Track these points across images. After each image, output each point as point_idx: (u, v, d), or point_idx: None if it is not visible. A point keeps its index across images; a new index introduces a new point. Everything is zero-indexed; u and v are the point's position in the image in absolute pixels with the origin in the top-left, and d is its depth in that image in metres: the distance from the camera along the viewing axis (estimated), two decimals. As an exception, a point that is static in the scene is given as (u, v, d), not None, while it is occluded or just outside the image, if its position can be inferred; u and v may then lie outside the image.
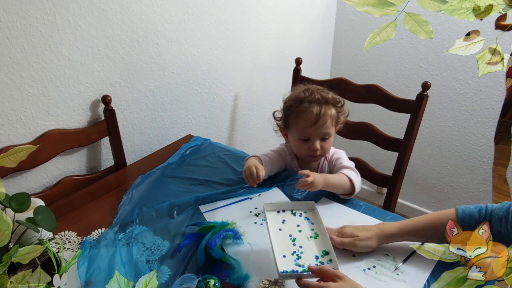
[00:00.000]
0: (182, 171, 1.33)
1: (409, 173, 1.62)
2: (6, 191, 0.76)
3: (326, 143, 1.21)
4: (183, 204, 1.14)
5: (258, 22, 1.79)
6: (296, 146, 1.24)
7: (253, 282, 0.87)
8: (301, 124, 1.18)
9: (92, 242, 1.00)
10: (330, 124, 1.18)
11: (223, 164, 1.37)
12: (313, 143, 1.19)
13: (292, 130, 1.22)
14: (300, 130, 1.19)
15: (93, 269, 0.91)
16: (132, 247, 0.99)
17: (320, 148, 1.19)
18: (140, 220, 1.08)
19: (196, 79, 1.62)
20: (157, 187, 1.24)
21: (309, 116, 1.16)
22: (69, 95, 1.24)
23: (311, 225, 0.97)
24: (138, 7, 1.32)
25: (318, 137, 1.19)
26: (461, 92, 1.96)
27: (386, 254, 0.96)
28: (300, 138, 1.20)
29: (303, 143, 1.20)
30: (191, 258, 0.95)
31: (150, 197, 1.19)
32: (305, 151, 1.21)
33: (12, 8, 1.04)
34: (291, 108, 1.20)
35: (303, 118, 1.18)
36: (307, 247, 0.91)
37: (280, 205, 1.03)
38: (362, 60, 2.25)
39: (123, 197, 1.19)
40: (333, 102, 1.19)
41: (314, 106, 1.16)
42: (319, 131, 1.18)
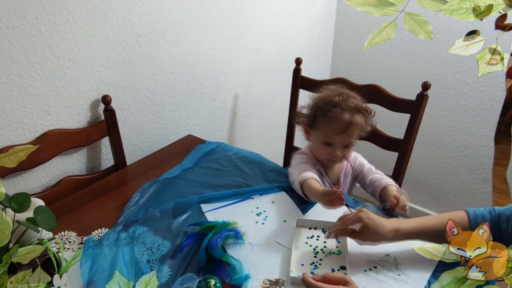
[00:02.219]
0: (193, 173, 1.32)
1: (409, 173, 1.62)
2: (6, 191, 0.76)
3: (348, 150, 1.20)
4: (186, 205, 1.14)
5: (258, 22, 1.79)
6: (317, 148, 1.23)
7: (254, 282, 0.87)
8: (329, 129, 1.16)
9: (95, 241, 1.00)
10: (356, 133, 1.17)
11: (235, 168, 1.35)
12: (336, 149, 1.17)
13: (317, 131, 1.20)
14: (326, 135, 1.17)
15: (96, 268, 0.92)
16: (134, 247, 0.99)
17: (341, 154, 1.18)
18: (143, 220, 1.08)
19: (196, 79, 1.62)
20: (166, 188, 1.23)
21: (339, 124, 1.14)
22: (69, 95, 1.24)
23: (338, 243, 0.99)
24: (138, 7, 1.32)
25: (342, 144, 1.17)
26: (461, 92, 1.96)
27: (387, 255, 0.96)
28: (323, 142, 1.18)
29: (325, 147, 1.19)
30: (192, 258, 0.95)
31: (157, 198, 1.18)
32: (325, 154, 1.20)
33: (12, 8, 1.04)
34: (321, 110, 1.16)
35: (332, 124, 1.15)
36: (327, 261, 0.94)
37: (312, 222, 1.05)
38: (362, 60, 2.25)
39: (132, 195, 1.18)
40: (364, 111, 1.17)
41: (345, 114, 1.13)
42: (344, 139, 1.16)
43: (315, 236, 1.01)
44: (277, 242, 1.01)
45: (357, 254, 0.96)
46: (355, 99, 1.17)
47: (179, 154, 1.44)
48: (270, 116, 2.08)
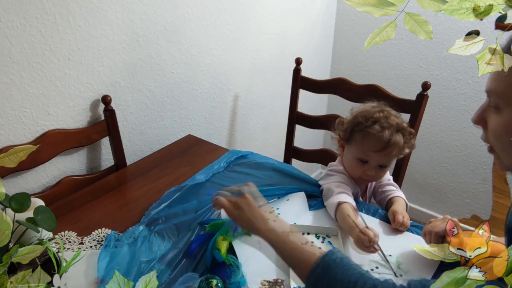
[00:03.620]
0: (221, 176, 1.31)
1: (409, 173, 1.62)
2: (6, 191, 0.76)
3: (382, 171, 1.15)
4: (209, 203, 1.12)
5: (258, 22, 1.79)
6: (350, 163, 1.17)
7: (252, 285, 0.87)
8: (366, 146, 1.11)
9: (116, 237, 1.01)
10: (394, 154, 1.12)
11: (265, 173, 1.31)
12: (371, 168, 1.13)
13: (353, 147, 1.14)
14: (362, 151, 1.12)
15: (113, 265, 0.92)
16: (151, 244, 1.00)
17: (375, 174, 1.14)
18: (166, 218, 1.09)
19: (196, 79, 1.62)
20: (192, 191, 1.22)
21: (378, 141, 1.08)
22: (69, 95, 1.24)
23: (333, 248, 0.98)
24: (138, 7, 1.32)
25: (377, 163, 1.12)
26: (461, 92, 1.96)
27: (389, 255, 0.96)
28: (358, 158, 1.13)
29: (360, 164, 1.13)
30: (201, 259, 0.96)
31: (182, 200, 1.18)
32: (358, 172, 1.15)
33: (12, 8, 1.04)
34: (361, 125, 1.11)
35: (370, 141, 1.09)
36: None
37: (305, 227, 1.04)
38: (362, 60, 2.25)
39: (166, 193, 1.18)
40: (404, 132, 1.11)
41: (385, 132, 1.08)
42: (381, 159, 1.11)
43: (309, 242, 1.00)
44: None
45: (359, 254, 0.96)
46: (396, 118, 1.12)
47: (179, 154, 1.44)
48: (270, 116, 2.08)
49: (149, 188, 1.25)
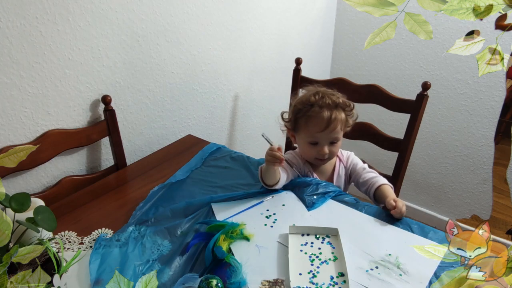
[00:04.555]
0: (202, 172, 1.32)
1: (409, 173, 1.62)
2: (6, 191, 0.76)
3: (334, 147, 1.21)
4: (198, 205, 1.13)
5: (258, 22, 1.79)
6: (304, 149, 1.24)
7: (252, 284, 0.87)
8: (311, 128, 1.18)
9: (107, 240, 1.00)
10: (340, 129, 1.18)
11: (242, 167, 1.34)
12: (322, 147, 1.19)
13: (301, 133, 1.22)
14: (310, 134, 1.19)
15: (104, 267, 0.92)
16: (144, 245, 0.99)
17: (328, 151, 1.19)
18: (155, 219, 1.08)
19: (196, 79, 1.62)
20: (176, 188, 1.23)
21: (320, 121, 1.16)
22: (69, 95, 1.24)
23: (332, 249, 0.99)
24: (138, 7, 1.32)
25: (327, 141, 1.19)
26: (461, 92, 1.96)
27: (389, 254, 0.96)
28: (309, 142, 1.20)
29: (312, 147, 1.20)
30: (198, 258, 0.95)
31: (167, 198, 1.18)
32: (313, 154, 1.22)
33: (12, 8, 1.04)
34: (301, 111, 1.19)
35: (313, 122, 1.17)
36: (324, 268, 0.93)
37: (304, 228, 1.04)
38: (362, 60, 2.25)
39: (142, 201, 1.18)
40: (343, 106, 1.19)
41: (324, 111, 1.16)
42: (329, 136, 1.18)
43: (309, 242, 1.00)
44: (278, 241, 1.01)
45: (359, 254, 0.96)
46: (332, 95, 1.19)
47: (179, 154, 1.44)
48: (270, 116, 2.07)
49: (149, 188, 1.24)
